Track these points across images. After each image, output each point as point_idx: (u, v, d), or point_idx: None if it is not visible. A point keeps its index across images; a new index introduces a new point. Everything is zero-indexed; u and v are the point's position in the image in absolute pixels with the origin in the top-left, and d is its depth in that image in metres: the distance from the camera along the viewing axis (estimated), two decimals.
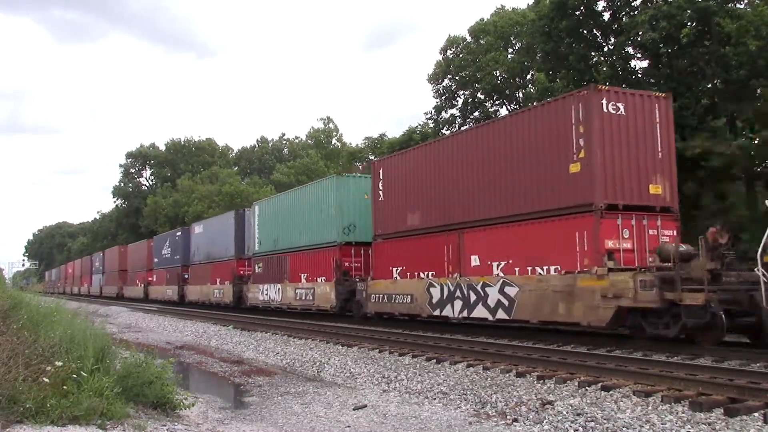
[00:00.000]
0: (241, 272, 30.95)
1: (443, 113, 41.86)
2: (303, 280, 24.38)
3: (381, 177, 20.12)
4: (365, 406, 8.78)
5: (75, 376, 6.54)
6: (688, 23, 24.16)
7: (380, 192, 20.12)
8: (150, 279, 46.60)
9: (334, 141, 73.76)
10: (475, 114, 40.90)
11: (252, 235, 29.85)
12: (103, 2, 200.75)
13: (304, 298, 24.03)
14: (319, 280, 23.23)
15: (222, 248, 33.16)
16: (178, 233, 41.04)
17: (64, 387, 6.32)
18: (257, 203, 30.29)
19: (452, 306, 16.30)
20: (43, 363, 6.74)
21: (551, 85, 29.29)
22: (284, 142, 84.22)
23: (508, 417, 7.77)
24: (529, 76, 38.64)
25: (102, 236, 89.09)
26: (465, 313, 15.87)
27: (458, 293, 16.14)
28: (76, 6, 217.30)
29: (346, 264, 22.10)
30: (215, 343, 18.73)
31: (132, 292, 51.33)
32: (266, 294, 27.63)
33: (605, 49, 29.73)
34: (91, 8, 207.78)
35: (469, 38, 40.76)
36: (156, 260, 45.48)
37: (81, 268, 74.34)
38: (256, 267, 29.00)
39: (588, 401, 8.19)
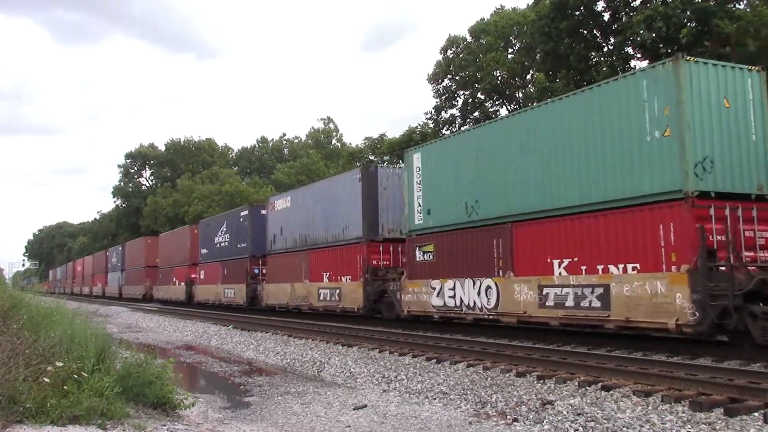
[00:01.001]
0: (375, 262, 20.48)
1: (443, 113, 41.94)
2: (560, 272, 13.39)
3: None
4: (365, 406, 8.78)
5: (75, 376, 6.54)
6: (688, 23, 24.20)
7: None
8: (195, 276, 36.67)
9: (334, 141, 73.88)
10: (475, 114, 40.95)
11: (396, 204, 20.24)
12: (104, 3, 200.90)
13: (575, 303, 12.82)
14: (617, 268, 12.17)
15: (335, 228, 22.26)
16: (244, 213, 30.61)
17: (65, 387, 6.32)
18: (418, 150, 18.83)
19: None
20: (43, 363, 6.74)
21: (551, 85, 29.33)
22: (284, 142, 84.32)
23: (508, 417, 7.77)
24: (529, 76, 38.67)
25: (102, 236, 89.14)
26: None
27: None
28: (77, 7, 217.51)
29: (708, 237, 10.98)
30: (215, 343, 18.74)
31: (167, 293, 41.01)
32: (451, 296, 16.38)
33: (605, 49, 29.76)
34: (92, 9, 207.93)
35: (469, 38, 40.81)
36: (204, 251, 35.42)
37: (93, 265, 65.43)
38: (418, 253, 17.90)
39: (588, 401, 8.19)
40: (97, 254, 67.23)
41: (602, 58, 29.31)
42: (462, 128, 37.55)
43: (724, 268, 10.83)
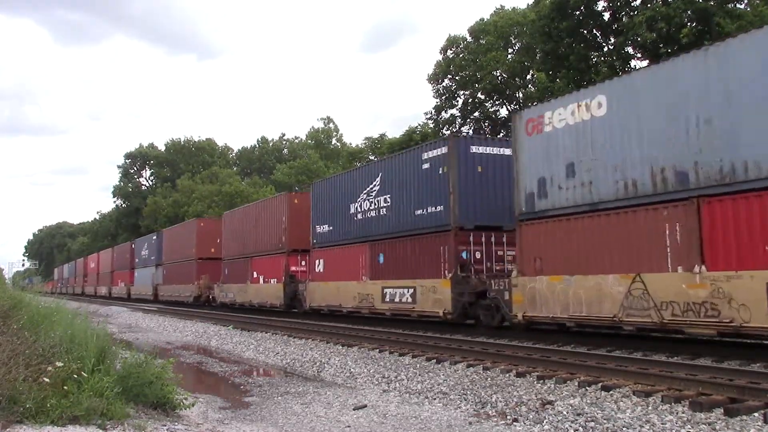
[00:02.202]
0: None
1: (443, 113, 41.93)
2: None
3: None
4: (365, 406, 8.77)
5: (75, 376, 6.54)
6: (688, 23, 24.20)
7: None
8: (297, 269, 25.39)
9: (334, 141, 73.91)
10: (475, 114, 40.95)
11: None
12: (105, 4, 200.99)
13: None
14: None
15: None
16: (435, 152, 17.66)
17: (65, 387, 6.32)
18: None
19: None
20: (43, 363, 6.74)
21: (551, 85, 29.32)
22: (284, 142, 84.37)
23: (508, 417, 7.77)
24: (529, 76, 38.67)
25: (102, 236, 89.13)
26: None
27: None
28: (78, 7, 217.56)
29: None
30: (215, 343, 18.73)
31: (244, 295, 28.92)
32: None
33: (605, 49, 29.77)
34: (93, 10, 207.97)
35: (469, 38, 40.80)
36: (324, 229, 23.11)
37: (112, 260, 55.48)
38: None
39: (588, 401, 8.19)
40: (117, 247, 57.36)
41: (602, 58, 29.29)
42: (462, 128, 37.45)
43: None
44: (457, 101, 41.56)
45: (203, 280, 34.23)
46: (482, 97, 40.67)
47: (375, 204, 20.25)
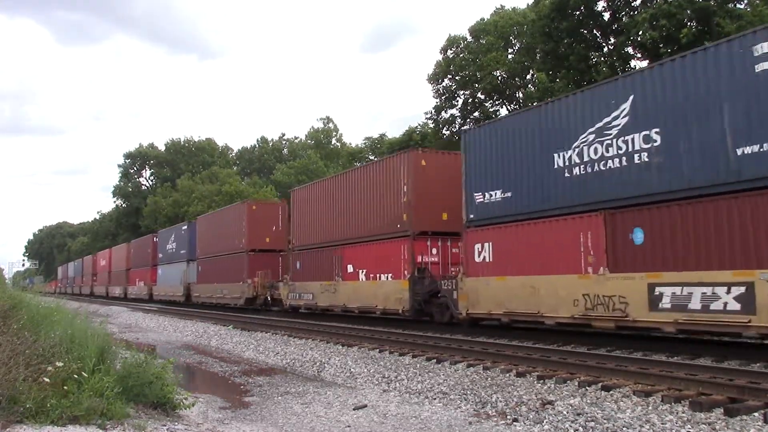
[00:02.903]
0: None
1: (443, 113, 41.92)
2: None
3: None
4: (365, 406, 8.77)
5: (75, 376, 6.54)
6: (688, 23, 24.21)
7: None
8: (429, 260, 18.46)
9: (333, 141, 73.97)
10: (475, 114, 40.94)
11: None
12: (107, 4, 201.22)
13: None
14: None
15: None
16: None
17: (65, 387, 6.31)
18: None
19: None
20: (43, 363, 6.73)
21: (551, 85, 29.33)
22: (284, 142, 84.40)
23: (509, 417, 7.77)
24: (529, 76, 38.68)
25: (102, 236, 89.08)
26: None
27: None
28: (80, 8, 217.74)
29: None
30: (215, 343, 18.73)
31: (335, 297, 21.56)
32: None
33: (605, 49, 29.78)
34: (94, 10, 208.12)
35: (469, 38, 40.79)
36: (494, 199, 15.40)
37: (128, 257, 48.94)
38: None
39: (588, 401, 8.19)
40: (135, 241, 50.37)
41: (602, 58, 29.31)
42: (463, 128, 37.44)
43: None
44: (457, 101, 41.55)
45: (260, 277, 26.62)
46: (482, 97, 40.64)
47: (620, 148, 12.54)
